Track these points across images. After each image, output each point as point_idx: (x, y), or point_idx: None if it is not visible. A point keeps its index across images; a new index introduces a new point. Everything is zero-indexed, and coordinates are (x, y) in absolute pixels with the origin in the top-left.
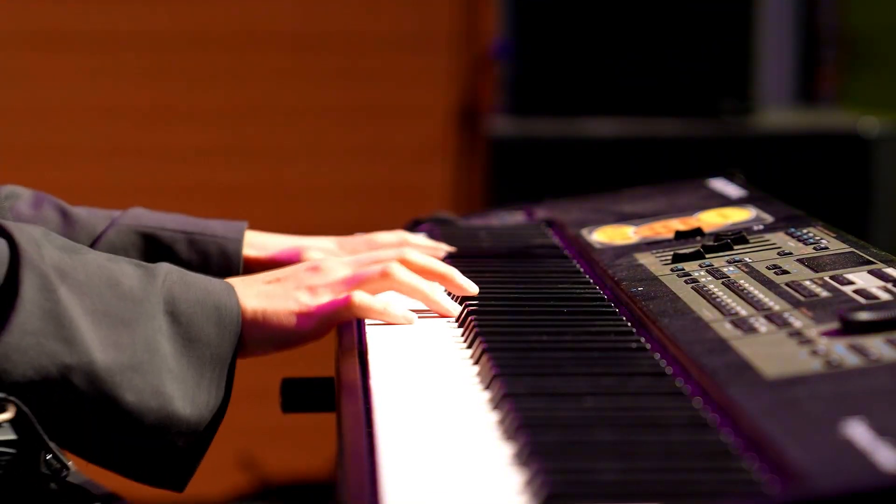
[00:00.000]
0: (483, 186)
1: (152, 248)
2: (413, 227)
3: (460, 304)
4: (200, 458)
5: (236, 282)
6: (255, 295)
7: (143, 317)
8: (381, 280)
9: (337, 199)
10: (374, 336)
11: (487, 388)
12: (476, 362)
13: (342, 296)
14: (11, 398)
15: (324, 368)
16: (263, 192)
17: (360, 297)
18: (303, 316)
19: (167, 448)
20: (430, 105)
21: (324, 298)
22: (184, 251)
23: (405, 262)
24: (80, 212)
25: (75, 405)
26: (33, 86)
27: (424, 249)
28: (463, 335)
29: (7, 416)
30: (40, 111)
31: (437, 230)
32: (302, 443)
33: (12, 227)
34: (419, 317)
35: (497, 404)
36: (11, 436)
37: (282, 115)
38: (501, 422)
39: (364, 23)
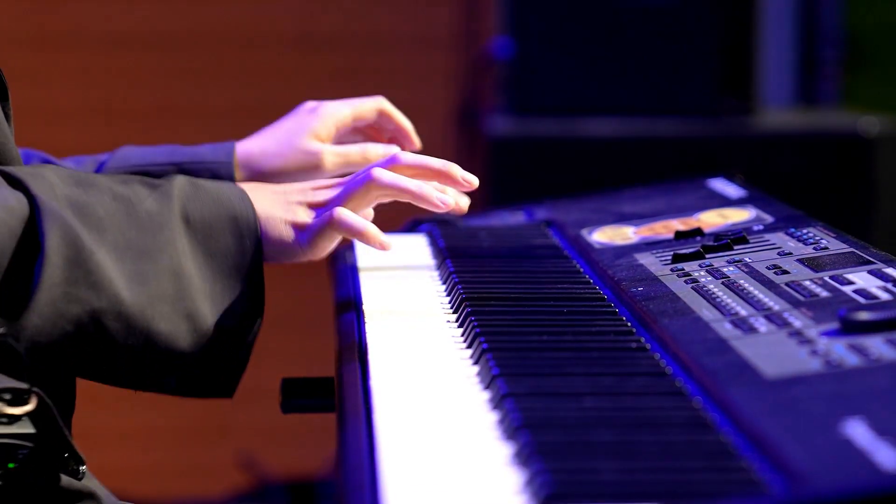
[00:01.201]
0: (483, 186)
1: None
2: (413, 227)
3: (460, 299)
4: (246, 361)
5: (248, 187)
6: (261, 200)
7: (165, 243)
8: (365, 188)
9: None
10: (374, 336)
11: (487, 388)
12: (476, 362)
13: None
14: (34, 389)
15: (324, 368)
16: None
17: (341, 212)
18: (297, 228)
19: (209, 362)
20: (430, 105)
21: (315, 216)
22: None
23: (395, 167)
24: (68, 164)
25: (112, 345)
26: (33, 86)
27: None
28: (463, 335)
29: (29, 407)
30: (40, 111)
31: (437, 230)
32: (302, 443)
33: (27, 175)
34: (420, 319)
35: (497, 404)
36: (30, 429)
37: (282, 115)
38: (501, 422)
39: (364, 23)
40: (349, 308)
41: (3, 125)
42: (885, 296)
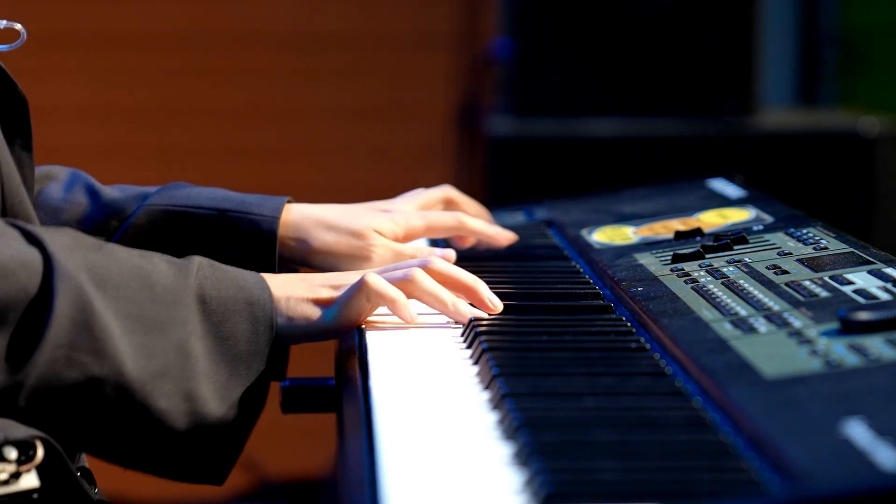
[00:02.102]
0: (483, 186)
1: (181, 226)
2: None
3: None
4: (239, 451)
5: (269, 275)
6: (281, 285)
7: (177, 320)
8: (403, 285)
9: (337, 198)
10: (374, 337)
11: (487, 388)
12: (476, 362)
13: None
14: (42, 434)
15: (324, 368)
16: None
17: (374, 278)
18: (321, 305)
19: (202, 446)
20: (430, 105)
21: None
22: (214, 229)
23: (430, 271)
24: (112, 192)
25: (107, 415)
26: (33, 86)
27: (470, 208)
28: (463, 335)
29: (36, 461)
30: (40, 111)
31: None
32: (302, 443)
33: (44, 234)
34: (419, 314)
35: (497, 404)
36: (34, 482)
37: (282, 115)
38: (501, 422)
39: (364, 23)
40: None
41: (16, 183)
42: (885, 296)
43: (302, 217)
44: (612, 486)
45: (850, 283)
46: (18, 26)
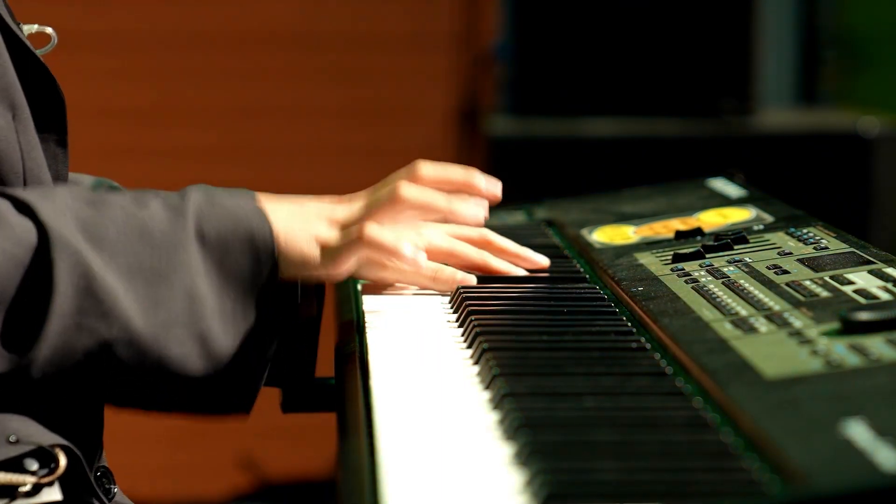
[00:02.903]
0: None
1: None
2: None
3: (460, 299)
4: (260, 382)
5: (267, 201)
6: (280, 214)
7: (179, 265)
8: (392, 204)
9: None
10: (374, 336)
11: (487, 388)
12: (476, 362)
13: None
14: (63, 441)
15: (323, 368)
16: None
17: (372, 228)
18: (319, 243)
19: (223, 381)
20: (430, 105)
21: (338, 231)
22: None
23: (416, 179)
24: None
25: (122, 372)
26: None
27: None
28: (463, 335)
29: (62, 466)
30: None
31: None
32: (302, 443)
33: (37, 198)
34: (420, 319)
35: (497, 404)
36: (57, 495)
37: (282, 115)
38: (501, 422)
39: (364, 23)
40: (349, 308)
41: (45, 178)
42: (885, 296)
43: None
44: (612, 487)
45: (850, 282)
46: (49, 30)
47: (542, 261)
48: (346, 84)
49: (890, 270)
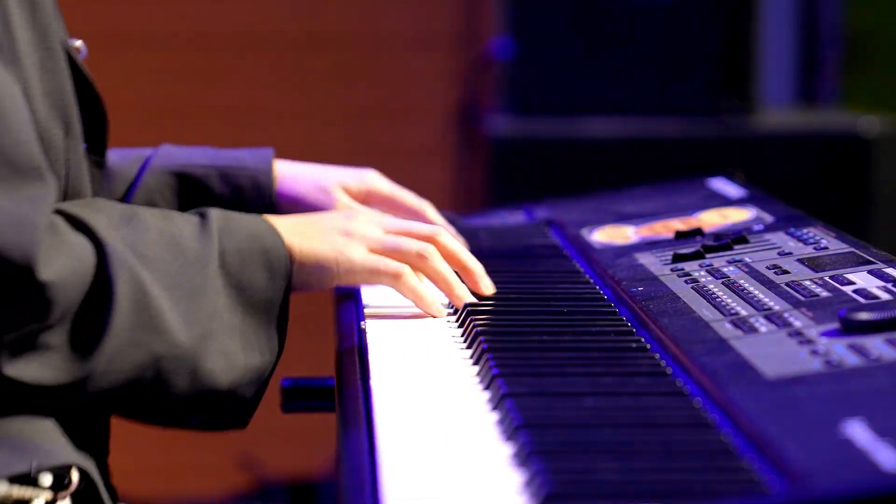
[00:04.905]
0: (483, 186)
1: (186, 185)
2: None
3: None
4: (261, 396)
5: (275, 220)
6: (296, 234)
7: (208, 282)
8: (415, 258)
9: None
10: (374, 336)
11: (487, 388)
12: (476, 362)
13: (389, 263)
14: (77, 461)
15: (324, 368)
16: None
17: (412, 280)
18: (341, 258)
19: (235, 397)
20: (430, 105)
21: (356, 248)
22: (217, 186)
23: (438, 245)
24: (113, 157)
25: (163, 387)
26: None
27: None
28: (463, 335)
29: (74, 483)
30: None
31: None
32: (302, 443)
33: (86, 214)
34: (420, 319)
35: (497, 404)
36: None
37: (282, 115)
38: (501, 422)
39: (364, 23)
40: (349, 308)
41: (85, 192)
42: (885, 296)
43: (282, 168)
44: (612, 486)
45: (850, 282)
46: (79, 43)
47: (486, 288)
48: (346, 84)
49: (890, 270)
